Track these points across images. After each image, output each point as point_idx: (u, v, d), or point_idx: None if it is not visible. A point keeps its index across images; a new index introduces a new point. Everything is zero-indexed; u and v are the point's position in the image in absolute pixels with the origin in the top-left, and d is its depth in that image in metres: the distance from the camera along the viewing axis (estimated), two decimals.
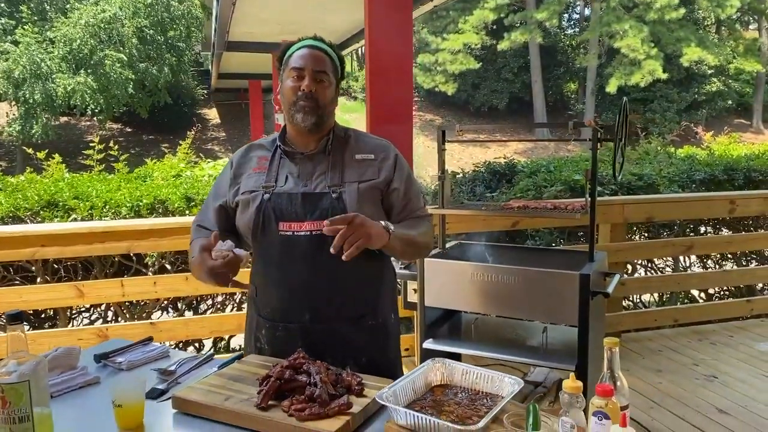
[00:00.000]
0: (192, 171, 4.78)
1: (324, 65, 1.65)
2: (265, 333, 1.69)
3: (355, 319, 1.66)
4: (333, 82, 1.68)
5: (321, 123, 1.65)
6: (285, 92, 1.67)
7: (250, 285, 1.76)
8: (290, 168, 1.67)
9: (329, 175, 1.64)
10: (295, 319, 1.64)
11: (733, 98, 26.07)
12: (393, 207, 1.72)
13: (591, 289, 2.45)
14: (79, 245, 3.05)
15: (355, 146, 1.72)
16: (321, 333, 1.63)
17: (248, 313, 1.80)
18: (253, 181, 1.68)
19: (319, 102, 1.63)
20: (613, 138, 2.49)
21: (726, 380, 3.42)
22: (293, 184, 1.64)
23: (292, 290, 1.62)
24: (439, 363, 1.43)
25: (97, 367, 1.66)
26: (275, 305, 1.66)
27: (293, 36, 1.82)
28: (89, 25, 16.02)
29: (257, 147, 1.77)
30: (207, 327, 3.31)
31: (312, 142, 1.69)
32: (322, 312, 1.63)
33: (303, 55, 1.65)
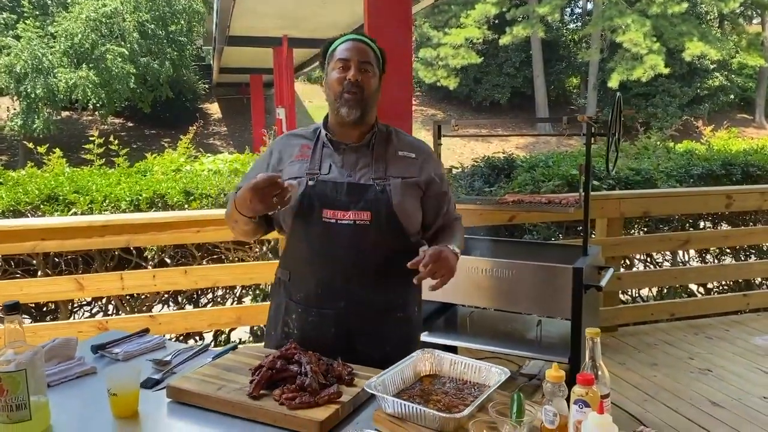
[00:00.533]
0: (192, 166, 4.81)
1: (368, 56, 1.69)
2: (296, 318, 1.72)
3: (386, 311, 1.71)
4: (377, 73, 1.72)
5: (365, 115, 1.68)
6: (330, 84, 1.69)
7: (281, 269, 1.79)
8: (334, 158, 1.71)
9: (373, 168, 1.68)
10: (331, 305, 1.67)
11: (736, 93, 26.00)
12: (431, 209, 1.77)
13: (584, 282, 2.48)
14: (79, 239, 3.08)
15: (398, 143, 1.76)
16: (353, 321, 1.67)
17: (274, 298, 1.83)
18: (297, 168, 1.70)
19: (364, 92, 1.66)
20: (606, 133, 2.51)
21: (721, 374, 3.44)
22: (337, 173, 1.68)
23: (331, 276, 1.65)
24: (429, 353, 1.46)
25: (94, 358, 1.69)
26: (311, 290, 1.69)
27: (294, 30, 1.86)
28: (90, 20, 16.02)
29: (298, 135, 1.80)
30: (206, 320, 3.35)
31: (355, 134, 1.72)
32: (357, 300, 1.66)
33: (348, 47, 1.69)
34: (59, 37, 16.07)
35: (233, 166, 4.78)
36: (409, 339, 1.77)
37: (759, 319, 4.30)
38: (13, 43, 15.96)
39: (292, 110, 13.21)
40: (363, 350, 1.55)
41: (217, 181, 3.82)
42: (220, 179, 3.91)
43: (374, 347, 1.61)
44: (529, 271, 2.60)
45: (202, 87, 22.29)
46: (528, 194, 2.97)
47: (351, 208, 1.62)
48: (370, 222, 1.62)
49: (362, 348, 1.58)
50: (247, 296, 3.85)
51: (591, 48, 24.41)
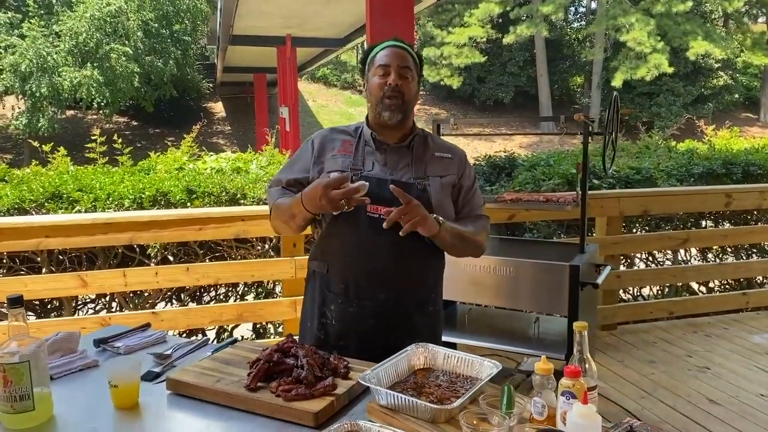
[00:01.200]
0: (195, 164, 4.84)
1: (407, 62, 1.76)
2: (335, 308, 1.76)
3: (420, 304, 1.79)
4: (416, 78, 1.79)
5: (406, 118, 1.76)
6: (372, 89, 1.76)
7: (316, 262, 1.83)
8: (376, 156, 1.77)
9: (413, 168, 1.76)
10: (371, 297, 1.73)
11: (740, 92, 25.91)
12: (456, 202, 1.83)
13: (581, 280, 2.50)
14: (82, 236, 3.12)
15: (435, 146, 1.84)
16: (391, 313, 1.73)
17: (310, 290, 1.87)
18: (339, 162, 1.75)
19: (405, 96, 1.73)
20: (603, 132, 2.54)
21: (718, 371, 3.46)
22: (380, 171, 1.74)
23: (373, 270, 1.71)
24: (422, 347, 1.49)
25: (97, 351, 1.72)
26: (352, 281, 1.74)
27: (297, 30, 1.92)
28: (94, 19, 16.08)
29: (339, 131, 1.85)
30: (207, 316, 3.38)
31: (396, 136, 1.79)
32: (397, 293, 1.73)
33: (388, 53, 1.75)
34: (64, 36, 16.14)
35: (235, 164, 4.81)
36: (436, 333, 1.85)
37: (758, 318, 4.32)
38: (18, 42, 16.04)
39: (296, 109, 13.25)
40: (396, 343, 1.58)
41: (220, 179, 3.86)
42: (223, 177, 3.95)
43: (407, 340, 1.61)
44: (526, 268, 2.63)
45: (206, 86, 22.35)
46: (526, 193, 2.99)
47: (395, 204, 1.62)
48: None
49: (395, 341, 1.61)
50: (250, 293, 3.89)
51: (595, 47, 24.38)
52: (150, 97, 18.52)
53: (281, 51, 13.46)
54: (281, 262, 3.37)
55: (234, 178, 4.00)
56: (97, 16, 16.03)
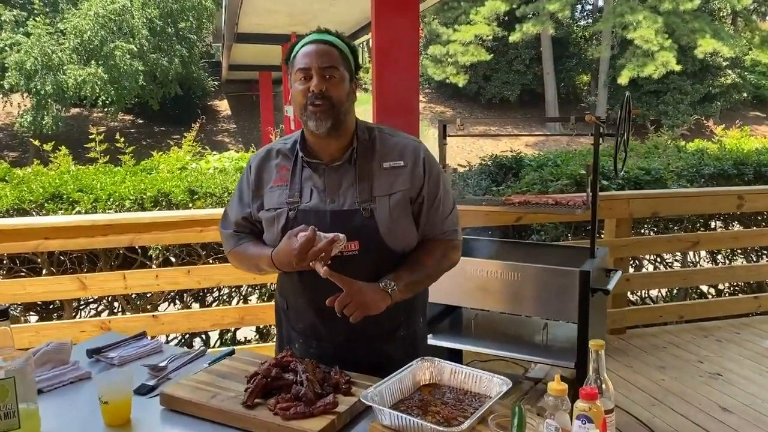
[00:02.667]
0: (198, 164, 4.80)
1: (332, 59, 1.52)
2: (298, 347, 1.64)
3: (389, 333, 1.63)
4: (345, 76, 1.54)
5: (339, 125, 1.52)
6: (294, 96, 1.54)
7: (278, 296, 1.73)
8: (314, 180, 1.56)
9: (357, 189, 1.53)
10: (330, 339, 1.60)
11: (749, 90, 25.69)
12: (418, 219, 1.62)
13: (591, 285, 2.43)
14: (82, 238, 3.06)
15: (382, 151, 1.59)
16: (356, 351, 1.59)
17: (278, 323, 1.76)
18: (276, 196, 1.58)
19: (333, 101, 1.49)
20: (614, 133, 2.46)
21: (730, 378, 3.38)
22: (318, 200, 1.54)
23: (325, 311, 1.51)
24: (428, 362, 1.43)
25: (90, 362, 1.66)
26: (309, 323, 1.62)
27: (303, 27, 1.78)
28: (99, 16, 16.04)
29: (276, 153, 1.64)
30: (209, 320, 3.32)
31: (334, 148, 1.57)
32: (357, 331, 1.54)
33: (307, 52, 1.52)
34: (69, 34, 16.12)
35: (239, 164, 4.76)
36: (415, 353, 1.65)
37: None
38: (23, 39, 16.04)
39: None
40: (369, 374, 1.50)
41: (222, 179, 3.80)
42: (225, 178, 3.89)
43: (380, 370, 1.51)
44: (535, 273, 2.56)
45: (212, 84, 22.31)
46: (534, 195, 2.92)
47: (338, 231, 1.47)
48: (359, 251, 1.51)
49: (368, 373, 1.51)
50: (253, 294, 3.83)
51: (602, 45, 24.21)
52: (155, 95, 18.49)
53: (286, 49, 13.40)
54: None
55: (236, 178, 3.95)
56: (102, 13, 16.00)
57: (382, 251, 1.54)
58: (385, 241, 1.53)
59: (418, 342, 1.71)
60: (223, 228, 1.72)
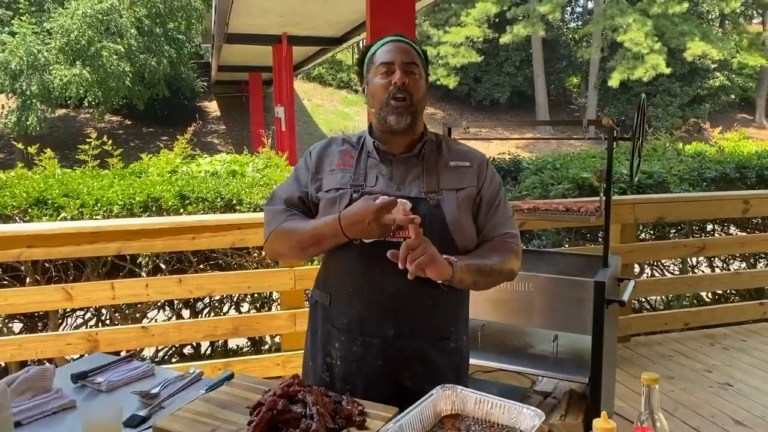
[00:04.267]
0: (189, 167, 4.64)
1: (413, 57, 1.54)
2: (339, 347, 1.53)
3: (438, 339, 1.54)
4: (423, 75, 1.56)
5: (414, 122, 1.52)
6: (374, 92, 1.53)
7: (318, 291, 1.61)
8: (380, 169, 1.54)
9: (425, 180, 1.52)
10: (378, 333, 1.49)
11: (737, 93, 25.87)
12: (477, 219, 1.58)
13: (606, 297, 2.32)
14: (67, 246, 2.92)
15: (448, 153, 1.59)
16: (403, 350, 1.50)
17: (312, 323, 1.64)
18: (338, 178, 1.54)
19: (413, 96, 1.50)
20: (630, 137, 2.35)
21: (741, 388, 3.29)
22: (385, 186, 1.51)
23: (379, 301, 1.48)
24: (450, 390, 1.30)
25: (74, 389, 1.52)
26: (355, 316, 1.51)
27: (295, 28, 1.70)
28: (86, 16, 15.76)
29: (340, 141, 1.63)
30: (201, 331, 3.18)
31: (404, 143, 1.56)
32: (408, 328, 1.49)
33: (390, 48, 1.53)
34: (55, 33, 15.84)
35: (231, 167, 4.61)
36: (460, 372, 1.59)
37: None
38: (8, 39, 15.73)
39: (292, 109, 13.05)
40: (413, 386, 1.39)
41: (214, 183, 3.66)
42: (217, 182, 3.75)
43: (426, 382, 1.42)
44: (547, 283, 2.44)
45: (201, 85, 22.08)
46: (543, 201, 2.81)
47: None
48: None
49: (412, 384, 1.42)
50: (245, 301, 3.69)
51: (592, 47, 24.27)
52: (142, 95, 18.23)
53: (277, 50, 13.23)
54: (279, 272, 3.18)
55: (229, 182, 3.81)
56: (89, 13, 15.71)
57: (446, 243, 1.46)
58: (450, 232, 1.48)
59: (464, 359, 1.62)
60: (268, 206, 1.59)
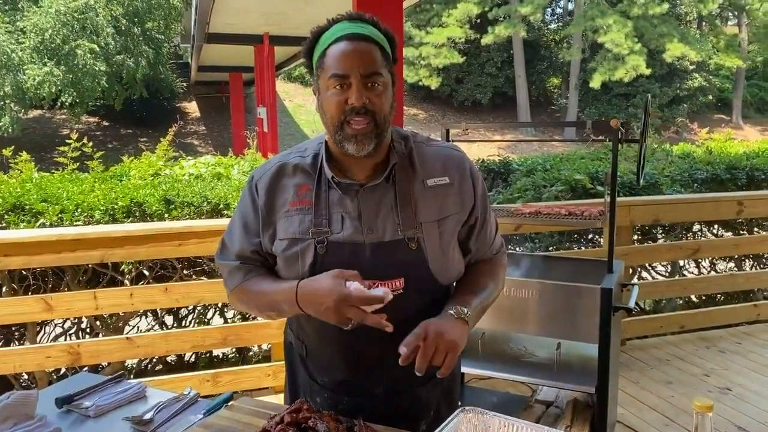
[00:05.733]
0: (172, 169, 4.50)
1: (375, 63, 1.22)
2: (321, 403, 1.36)
3: (432, 376, 1.30)
4: (389, 81, 1.25)
5: (379, 144, 1.25)
6: (326, 107, 1.24)
7: (292, 335, 1.43)
8: (344, 204, 1.27)
9: (399, 215, 1.26)
10: (366, 392, 1.34)
11: (714, 94, 26.23)
12: (467, 243, 1.38)
13: (613, 304, 2.24)
14: (47, 254, 2.77)
15: (422, 167, 1.32)
16: (396, 402, 1.35)
17: (289, 367, 1.46)
18: (297, 222, 1.27)
19: (376, 116, 1.22)
20: (636, 139, 2.29)
21: (740, 393, 3.24)
22: (353, 230, 1.25)
23: (363, 362, 1.31)
24: (471, 413, 1.20)
25: (59, 414, 1.39)
26: (339, 377, 1.35)
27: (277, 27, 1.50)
28: (60, 14, 15.40)
29: (292, 169, 1.32)
30: (189, 341, 3.05)
31: (369, 167, 1.29)
32: (398, 380, 1.31)
33: (344, 53, 1.21)
34: (29, 32, 15.47)
35: (216, 170, 4.48)
36: (452, 390, 1.46)
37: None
38: None
39: (274, 109, 12.90)
40: (408, 427, 1.28)
41: (200, 187, 3.53)
42: (203, 185, 3.62)
43: (421, 419, 1.32)
44: (550, 291, 2.36)
45: (180, 85, 21.79)
46: (544, 205, 2.73)
47: (379, 277, 1.23)
48: (405, 289, 1.25)
49: (407, 426, 1.29)
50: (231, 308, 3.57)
51: (572, 48, 24.42)
52: (119, 95, 17.89)
53: (259, 50, 13.07)
54: None
55: (215, 185, 3.68)
56: (63, 11, 15.36)
57: (430, 288, 1.30)
58: (435, 276, 1.29)
59: (453, 383, 1.48)
60: (221, 260, 1.40)
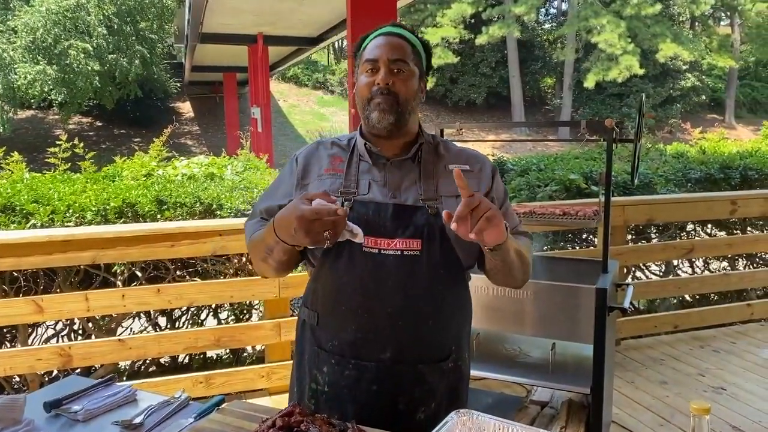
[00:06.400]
0: (164, 170, 4.47)
1: (403, 53, 1.39)
2: (327, 371, 1.38)
3: (437, 361, 1.39)
4: (415, 72, 1.41)
5: (401, 123, 1.38)
6: (359, 90, 1.41)
7: (306, 310, 1.46)
8: (373, 174, 1.41)
9: (422, 186, 1.39)
10: (373, 357, 1.35)
11: (707, 94, 26.34)
12: None
13: (608, 304, 2.23)
14: (38, 255, 2.75)
15: (447, 155, 1.46)
16: (400, 374, 1.36)
17: (299, 345, 1.49)
18: (327, 184, 1.40)
19: (399, 97, 1.37)
20: (631, 139, 2.28)
21: (735, 392, 3.24)
22: (378, 193, 1.38)
23: (374, 321, 1.34)
24: (465, 416, 1.19)
25: (48, 418, 1.37)
26: (347, 338, 1.36)
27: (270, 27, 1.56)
28: (51, 13, 15.29)
29: (329, 144, 1.49)
30: (182, 343, 3.03)
31: (396, 146, 1.43)
32: (406, 349, 1.35)
33: (378, 44, 1.40)
34: (20, 31, 15.37)
35: (209, 170, 4.46)
36: (458, 391, 1.45)
37: (763, 330, 4.13)
38: None
39: (268, 109, 12.87)
40: (406, 410, 1.28)
41: (193, 188, 3.51)
42: (196, 186, 3.60)
43: (421, 405, 1.32)
44: (544, 291, 2.35)
45: (174, 85, 21.72)
46: (539, 204, 2.72)
47: (398, 235, 1.32)
48: (421, 252, 1.33)
49: (405, 407, 1.31)
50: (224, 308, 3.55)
51: (566, 48, 24.47)
52: (112, 95, 17.79)
53: (252, 50, 13.04)
54: (263, 281, 3.04)
55: (208, 185, 3.66)
56: (54, 10, 15.25)
57: (447, 254, 1.36)
58: (451, 243, 1.35)
59: (462, 378, 1.48)
60: (248, 220, 1.49)
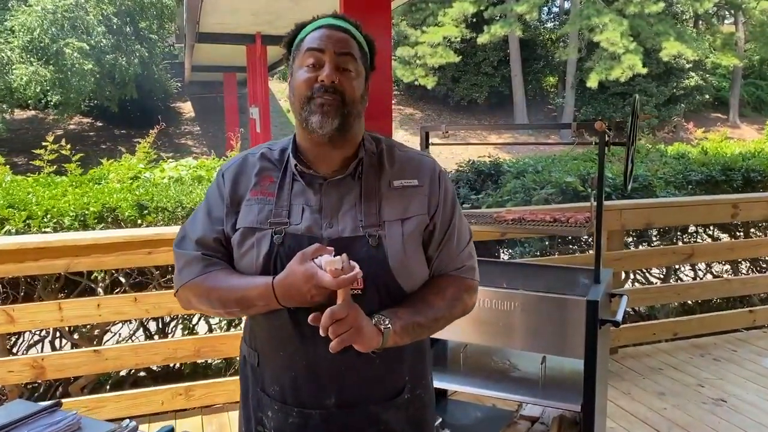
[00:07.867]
0: (152, 172, 4.37)
1: (350, 47, 1.23)
2: (272, 416, 1.27)
3: (390, 397, 1.27)
4: (362, 72, 1.25)
5: (345, 128, 1.22)
6: (296, 87, 1.23)
7: (246, 347, 1.34)
8: (307, 197, 1.25)
9: (362, 211, 1.23)
10: (316, 404, 1.24)
11: (711, 93, 26.12)
12: (426, 250, 1.30)
13: (600, 317, 2.12)
14: (9, 264, 2.65)
15: (391, 168, 1.29)
16: (348, 418, 1.25)
17: (243, 382, 1.38)
18: (256, 212, 1.25)
19: (345, 97, 1.20)
20: (623, 142, 2.17)
21: (736, 404, 3.13)
22: (312, 222, 1.22)
23: (314, 367, 1.22)
24: None
25: None
26: (289, 383, 1.25)
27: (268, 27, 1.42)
28: (48, 12, 15.19)
29: (259, 159, 1.31)
30: (160, 354, 2.93)
31: (336, 159, 1.26)
32: (353, 393, 1.24)
33: (321, 35, 1.23)
34: (17, 31, 15.29)
35: (197, 172, 4.36)
36: (423, 422, 1.33)
37: (766, 337, 4.01)
38: None
39: (267, 109, 12.77)
40: None
41: (176, 191, 3.41)
42: (180, 189, 3.50)
43: None
44: (532, 302, 2.24)
45: (174, 85, 21.64)
46: (529, 210, 2.61)
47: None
48: (363, 290, 1.19)
49: None
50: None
51: (569, 47, 24.30)
52: (113, 96, 17.72)
53: (251, 49, 12.93)
54: None
55: (193, 189, 3.55)
56: (51, 9, 15.16)
57: (390, 290, 1.22)
58: (395, 278, 1.21)
59: (425, 409, 1.35)
60: (180, 249, 1.30)
